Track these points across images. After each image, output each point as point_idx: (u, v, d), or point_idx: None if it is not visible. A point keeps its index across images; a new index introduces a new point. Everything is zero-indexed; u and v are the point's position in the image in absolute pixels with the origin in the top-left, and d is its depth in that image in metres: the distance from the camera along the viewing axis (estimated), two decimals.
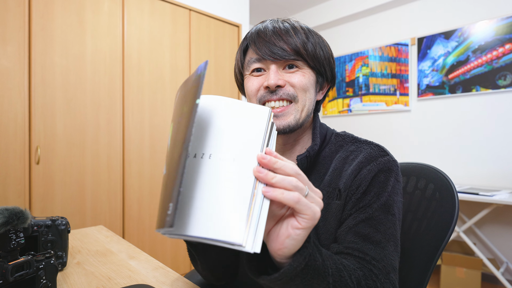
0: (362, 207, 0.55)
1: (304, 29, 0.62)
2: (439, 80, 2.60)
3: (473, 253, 2.27)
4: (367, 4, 2.95)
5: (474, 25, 2.40)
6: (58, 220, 0.75)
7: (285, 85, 0.60)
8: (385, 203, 0.55)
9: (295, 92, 0.60)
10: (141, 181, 2.08)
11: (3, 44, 1.57)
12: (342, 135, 0.67)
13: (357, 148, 0.62)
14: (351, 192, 0.56)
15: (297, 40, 0.59)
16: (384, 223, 0.53)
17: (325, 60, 0.63)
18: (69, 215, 1.77)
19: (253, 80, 0.63)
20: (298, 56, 0.59)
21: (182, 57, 2.30)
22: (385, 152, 0.59)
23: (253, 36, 0.62)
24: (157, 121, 2.16)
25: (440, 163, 2.58)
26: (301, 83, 0.60)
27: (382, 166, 0.57)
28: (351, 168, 0.58)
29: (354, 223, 0.54)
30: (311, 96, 0.62)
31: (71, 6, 1.79)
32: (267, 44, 0.59)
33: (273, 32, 0.59)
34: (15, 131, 1.61)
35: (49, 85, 1.71)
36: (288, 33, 0.59)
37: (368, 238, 0.52)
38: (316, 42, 0.62)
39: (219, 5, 2.57)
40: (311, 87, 0.62)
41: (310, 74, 0.61)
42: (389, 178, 0.56)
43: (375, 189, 0.55)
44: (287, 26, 0.61)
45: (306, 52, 0.59)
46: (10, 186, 1.59)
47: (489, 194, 1.96)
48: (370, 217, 0.54)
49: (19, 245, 0.55)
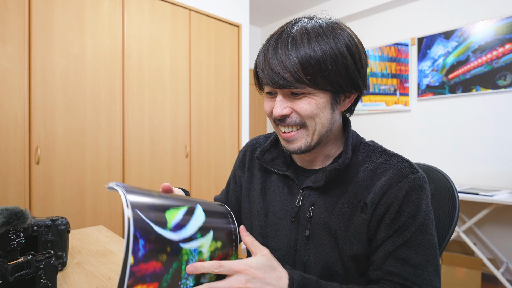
0: (399, 230, 0.54)
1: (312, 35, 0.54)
2: (439, 80, 2.60)
3: (473, 253, 2.27)
4: (367, 4, 2.95)
5: (474, 25, 2.40)
6: (58, 220, 0.75)
7: (291, 113, 0.57)
8: (422, 223, 0.54)
9: (302, 119, 0.57)
10: (141, 181, 2.08)
11: (3, 44, 1.57)
12: (370, 145, 0.65)
13: (386, 161, 0.60)
14: (381, 209, 0.55)
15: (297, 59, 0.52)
16: (423, 245, 0.53)
17: (339, 76, 0.54)
18: (69, 215, 1.77)
19: (266, 103, 0.62)
20: (300, 83, 0.53)
21: (182, 57, 2.30)
22: (415, 168, 0.58)
23: (260, 56, 0.59)
24: (157, 121, 2.16)
25: (440, 163, 2.58)
26: (306, 112, 0.56)
27: (413, 184, 0.55)
28: (380, 183, 0.57)
29: (394, 248, 0.54)
30: (323, 119, 0.57)
31: (71, 6, 1.79)
32: (269, 72, 0.55)
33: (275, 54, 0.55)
34: (15, 131, 1.61)
35: (49, 85, 1.71)
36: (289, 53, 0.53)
37: (407, 262, 0.52)
38: (327, 53, 0.53)
39: (219, 5, 2.57)
40: (322, 110, 0.57)
41: (319, 97, 0.56)
42: (421, 196, 0.55)
43: (409, 208, 0.54)
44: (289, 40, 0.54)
45: (310, 77, 0.53)
46: (10, 186, 1.59)
47: (489, 194, 1.96)
48: (409, 240, 0.53)
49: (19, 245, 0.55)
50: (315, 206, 0.62)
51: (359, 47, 0.57)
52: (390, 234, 0.55)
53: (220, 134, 2.57)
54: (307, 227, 0.62)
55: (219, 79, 2.57)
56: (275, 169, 0.69)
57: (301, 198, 0.64)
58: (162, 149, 2.19)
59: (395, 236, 0.54)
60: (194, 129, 2.38)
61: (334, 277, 0.60)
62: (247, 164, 0.79)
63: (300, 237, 0.63)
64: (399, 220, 0.54)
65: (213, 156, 2.52)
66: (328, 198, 0.61)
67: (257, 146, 0.80)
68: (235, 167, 0.84)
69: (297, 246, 0.63)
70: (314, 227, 0.61)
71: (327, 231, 0.60)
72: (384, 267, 0.54)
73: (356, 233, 0.57)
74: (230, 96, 2.66)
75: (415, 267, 0.52)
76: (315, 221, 0.61)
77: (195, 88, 2.39)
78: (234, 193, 0.82)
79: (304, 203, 0.64)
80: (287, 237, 0.65)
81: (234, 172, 0.84)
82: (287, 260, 0.65)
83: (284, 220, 0.66)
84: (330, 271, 0.59)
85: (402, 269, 0.52)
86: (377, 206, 0.56)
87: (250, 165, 0.78)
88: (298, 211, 0.64)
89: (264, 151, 0.73)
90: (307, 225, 0.62)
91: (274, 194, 0.70)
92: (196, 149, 2.40)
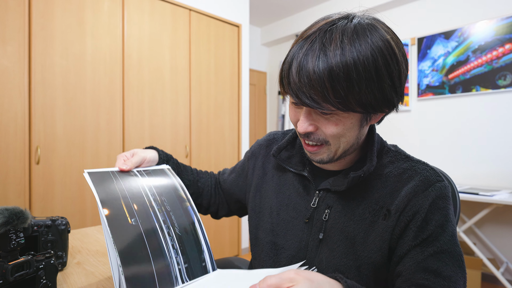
0: (427, 239, 0.52)
1: (345, 45, 0.46)
2: (439, 80, 2.60)
3: (473, 253, 2.27)
4: (367, 4, 2.95)
5: (474, 25, 2.40)
6: (58, 220, 0.75)
7: (317, 130, 0.54)
8: (452, 234, 0.53)
9: (326, 138, 0.54)
10: None
11: (3, 44, 1.57)
12: (393, 151, 0.62)
13: (412, 167, 0.58)
14: (406, 217, 0.53)
15: (327, 77, 0.46)
16: (453, 256, 0.51)
17: (374, 99, 0.48)
18: (69, 215, 1.77)
19: (291, 111, 0.59)
20: (327, 104, 0.48)
21: (182, 57, 2.30)
22: (440, 176, 0.56)
23: (285, 67, 0.52)
24: (157, 121, 2.16)
25: (440, 163, 2.58)
26: (332, 133, 0.53)
27: (440, 193, 0.54)
28: (405, 190, 0.55)
29: (423, 258, 0.51)
30: (349, 138, 0.55)
31: (71, 6, 1.79)
32: (296, 88, 0.49)
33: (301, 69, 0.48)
34: (15, 131, 1.61)
35: (49, 85, 1.71)
36: (319, 76, 0.46)
37: (439, 274, 0.50)
38: (362, 77, 0.46)
39: (219, 5, 2.57)
40: (349, 131, 0.53)
41: (348, 119, 0.52)
42: (448, 205, 0.54)
43: (436, 217, 0.53)
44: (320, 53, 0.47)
45: (341, 100, 0.47)
46: (10, 186, 1.59)
47: (489, 194, 1.96)
48: (439, 251, 0.51)
49: (19, 245, 0.55)
50: (332, 209, 0.61)
51: (398, 56, 0.49)
52: (417, 243, 0.52)
53: (220, 134, 2.57)
54: (321, 230, 0.61)
55: (219, 79, 2.57)
56: (291, 168, 0.68)
57: (317, 200, 0.63)
58: (162, 148, 2.18)
59: (424, 246, 0.52)
60: (194, 129, 2.38)
61: None
62: (261, 159, 0.78)
63: (312, 239, 0.62)
64: (427, 229, 0.52)
65: (213, 156, 2.52)
66: (348, 203, 0.59)
67: (273, 142, 0.79)
68: (247, 156, 0.83)
69: (309, 248, 0.62)
70: (330, 231, 0.60)
71: (344, 236, 0.58)
72: (414, 280, 0.50)
73: (376, 240, 0.55)
74: (230, 96, 2.66)
75: (448, 280, 0.49)
76: (332, 224, 0.60)
77: (195, 88, 2.39)
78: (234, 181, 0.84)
79: (320, 204, 0.62)
80: (298, 237, 0.64)
81: (243, 163, 0.84)
82: (296, 261, 0.63)
83: (297, 220, 0.65)
84: None
85: (435, 282, 0.49)
86: (401, 213, 0.54)
87: (264, 160, 0.77)
88: (313, 213, 0.63)
89: (281, 149, 0.71)
90: (321, 227, 0.61)
91: (289, 192, 0.68)
92: (196, 149, 2.40)
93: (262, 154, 0.79)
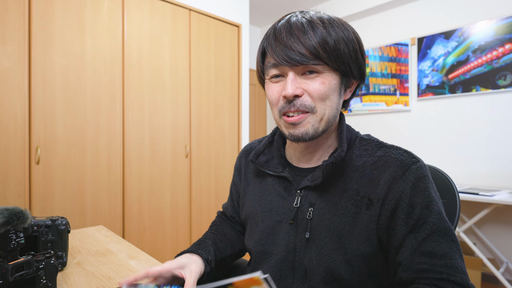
0: (417, 224, 0.53)
1: (325, 22, 0.56)
2: (439, 80, 2.60)
3: (473, 253, 2.27)
4: (367, 4, 2.95)
5: (474, 25, 2.40)
6: (58, 220, 0.75)
7: (303, 95, 0.56)
8: (438, 212, 0.54)
9: (313, 103, 0.56)
10: (141, 181, 2.08)
11: (3, 44, 1.57)
12: (366, 139, 0.64)
13: (386, 154, 0.59)
14: (390, 205, 0.54)
15: (316, 39, 0.54)
16: (444, 233, 0.53)
17: (350, 58, 0.57)
18: (69, 215, 1.77)
19: (272, 89, 0.60)
20: (317, 60, 0.54)
21: (182, 57, 2.30)
22: (415, 158, 0.57)
23: (270, 37, 0.58)
24: (157, 121, 2.16)
25: (440, 163, 2.58)
26: (320, 92, 0.56)
27: (417, 174, 0.55)
28: (384, 178, 0.56)
29: (418, 244, 0.52)
30: (332, 102, 0.58)
31: (71, 6, 1.79)
32: (284, 49, 0.54)
33: (290, 32, 0.55)
34: (15, 131, 1.61)
35: (49, 85, 1.71)
36: (306, 33, 0.54)
37: (435, 254, 0.51)
38: (340, 37, 0.56)
39: (219, 5, 2.56)
40: (333, 92, 0.58)
41: (331, 78, 0.57)
42: (428, 185, 0.55)
43: (420, 199, 0.54)
44: (304, 23, 0.55)
45: (327, 54, 0.54)
46: (10, 186, 1.59)
47: (489, 194, 1.96)
48: (431, 232, 0.52)
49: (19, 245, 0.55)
50: (315, 206, 0.60)
51: (360, 38, 0.61)
52: (409, 230, 0.53)
53: (220, 134, 2.57)
54: (307, 229, 0.60)
55: (219, 79, 2.57)
56: (271, 171, 0.68)
57: (299, 199, 0.63)
58: (162, 149, 2.19)
59: (416, 231, 0.53)
60: (194, 129, 2.38)
61: (338, 281, 0.57)
62: (243, 170, 0.78)
63: (299, 239, 0.61)
64: (414, 213, 0.53)
65: (213, 156, 2.52)
66: (329, 197, 0.60)
67: (251, 151, 0.78)
68: (234, 174, 0.82)
69: (297, 249, 0.61)
70: (316, 229, 0.59)
71: (331, 232, 0.58)
72: (414, 266, 0.52)
73: (363, 231, 0.56)
74: (230, 96, 2.66)
75: (444, 258, 0.51)
76: (317, 222, 0.59)
77: (195, 88, 2.39)
78: (237, 201, 0.81)
79: (302, 203, 0.62)
80: (285, 240, 0.63)
81: (233, 180, 0.82)
82: (286, 264, 0.62)
83: (282, 223, 0.64)
84: (333, 274, 0.57)
85: (433, 263, 0.51)
86: (384, 201, 0.55)
87: (245, 171, 0.77)
88: (296, 213, 0.62)
89: (258, 154, 0.70)
90: (307, 226, 0.60)
91: (271, 197, 0.68)
92: (196, 149, 2.40)
93: (243, 165, 0.78)
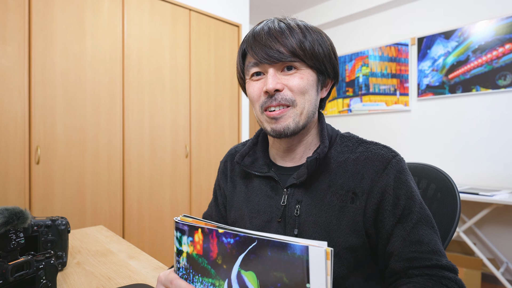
0: (403, 214, 0.57)
1: (301, 27, 0.61)
2: (439, 80, 2.60)
3: (473, 253, 2.27)
4: (367, 4, 2.95)
5: (474, 25, 2.40)
6: (58, 220, 0.75)
7: (284, 89, 0.60)
8: (420, 201, 0.58)
9: (293, 96, 0.60)
10: (141, 181, 2.08)
11: (3, 44, 1.57)
12: (347, 136, 0.67)
13: (366, 149, 0.62)
14: (376, 198, 0.58)
15: (293, 40, 0.58)
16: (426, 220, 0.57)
17: (325, 57, 0.62)
18: (69, 215, 1.77)
19: (253, 86, 0.63)
20: (295, 57, 0.59)
21: (182, 57, 2.30)
22: (394, 152, 0.61)
23: (249, 39, 0.62)
24: (157, 121, 2.16)
25: (440, 163, 2.58)
26: (299, 86, 0.60)
27: (398, 167, 0.59)
28: (366, 172, 0.59)
29: (406, 233, 0.56)
30: (311, 97, 0.62)
31: (71, 6, 1.78)
32: (263, 48, 0.59)
33: (269, 34, 0.59)
34: (15, 131, 1.61)
35: (49, 85, 1.71)
36: (284, 34, 0.59)
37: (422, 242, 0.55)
38: (314, 39, 0.60)
39: (219, 5, 2.56)
40: (311, 88, 0.61)
41: (309, 75, 0.61)
42: (407, 177, 0.59)
43: (403, 191, 0.58)
44: (282, 27, 0.60)
45: (304, 52, 0.59)
46: (10, 186, 1.59)
47: (489, 194, 1.96)
48: (416, 221, 0.57)
49: (19, 245, 0.54)
50: (302, 203, 0.62)
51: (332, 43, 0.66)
52: (397, 220, 0.57)
53: (220, 134, 2.57)
54: (295, 226, 0.62)
55: (219, 79, 2.57)
56: (256, 172, 0.69)
57: (286, 197, 0.64)
58: (162, 149, 2.19)
59: (403, 221, 0.57)
60: (194, 129, 2.38)
61: None
62: (229, 174, 0.78)
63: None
64: (399, 204, 0.57)
65: (213, 156, 2.52)
66: (315, 194, 0.62)
67: (236, 154, 0.78)
68: (218, 178, 0.82)
69: None
70: (304, 225, 0.61)
71: (318, 227, 0.60)
72: (405, 255, 0.55)
73: (349, 224, 0.58)
74: (230, 96, 2.66)
75: (429, 244, 0.55)
76: (304, 218, 0.61)
77: (195, 88, 2.39)
78: (223, 206, 0.80)
79: (289, 201, 0.63)
80: None
81: (218, 184, 0.82)
82: None
83: (270, 222, 0.65)
84: None
85: (421, 252, 0.54)
86: (369, 194, 0.58)
87: (231, 174, 0.77)
88: (284, 211, 0.64)
89: (244, 155, 0.71)
90: (295, 223, 0.62)
91: (258, 198, 0.69)
92: (196, 149, 2.40)
93: (229, 168, 0.78)
